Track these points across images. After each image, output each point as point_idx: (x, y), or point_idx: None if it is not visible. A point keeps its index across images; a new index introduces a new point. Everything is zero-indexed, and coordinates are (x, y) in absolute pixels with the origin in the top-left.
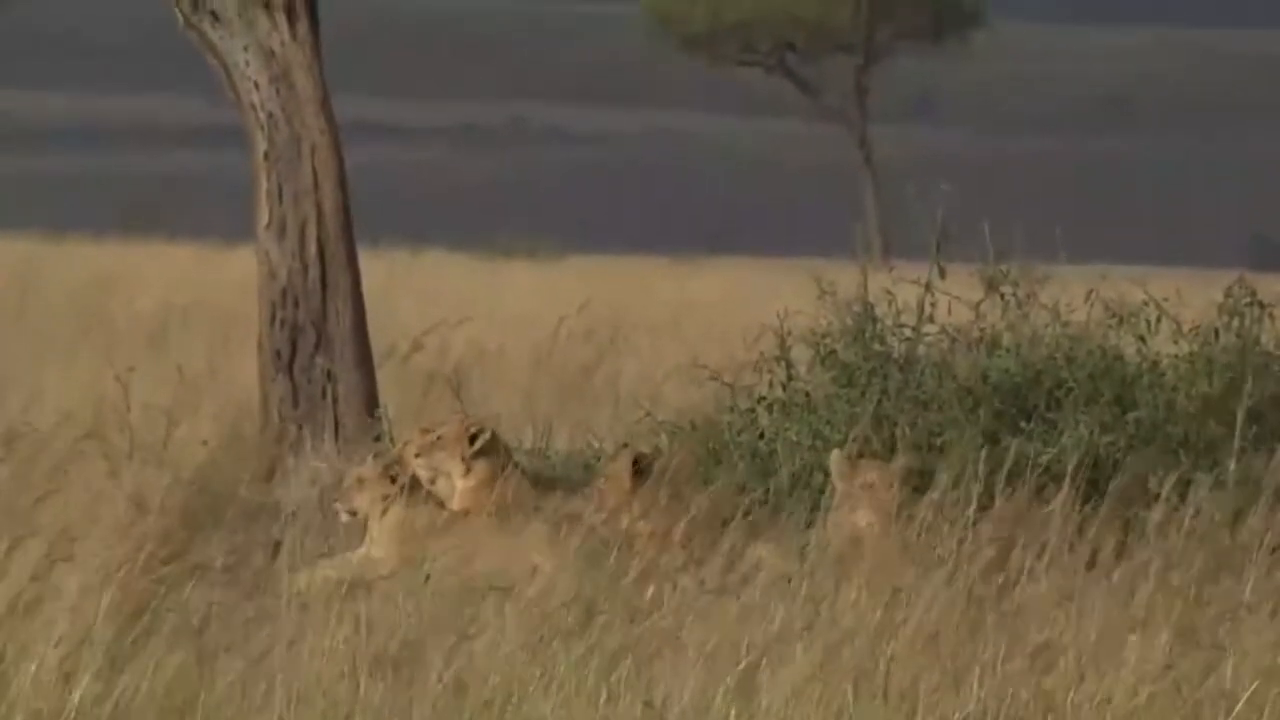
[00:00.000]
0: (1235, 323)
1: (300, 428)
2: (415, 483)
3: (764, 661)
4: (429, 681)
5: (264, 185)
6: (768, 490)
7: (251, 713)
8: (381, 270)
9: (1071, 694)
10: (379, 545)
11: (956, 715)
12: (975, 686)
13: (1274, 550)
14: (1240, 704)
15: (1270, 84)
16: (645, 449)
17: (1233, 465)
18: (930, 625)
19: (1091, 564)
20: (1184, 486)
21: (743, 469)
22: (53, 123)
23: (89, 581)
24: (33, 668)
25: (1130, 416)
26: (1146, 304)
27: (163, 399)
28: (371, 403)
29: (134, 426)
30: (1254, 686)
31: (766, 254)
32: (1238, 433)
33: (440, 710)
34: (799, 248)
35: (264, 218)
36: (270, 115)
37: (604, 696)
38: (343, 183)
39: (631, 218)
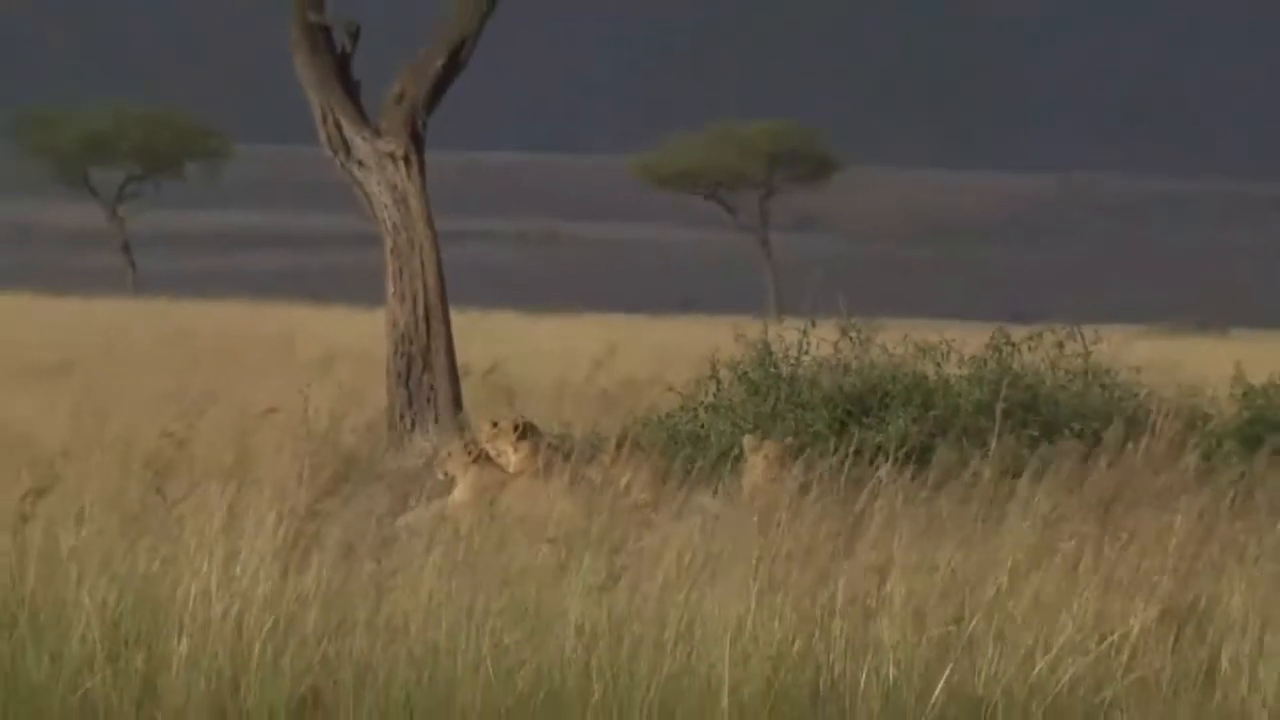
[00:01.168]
0: (996, 355)
1: (413, 421)
2: (486, 455)
3: (703, 565)
4: (491, 578)
5: (390, 269)
6: (705, 459)
7: (382, 603)
8: (463, 322)
9: (890, 586)
10: (462, 494)
11: (822, 599)
12: (834, 582)
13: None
14: (999, 590)
15: (1031, 211)
16: (628, 433)
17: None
18: (805, 544)
19: (908, 504)
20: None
21: (689, 447)
22: (254, 232)
23: (278, 514)
24: (238, 569)
25: (931, 414)
26: (941, 343)
27: (327, 404)
28: (458, 405)
29: (310, 420)
30: (1003, 582)
31: (707, 313)
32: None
33: (497, 595)
34: (726, 309)
35: (391, 289)
36: (394, 225)
37: (599, 587)
38: (439, 267)
39: (624, 289)
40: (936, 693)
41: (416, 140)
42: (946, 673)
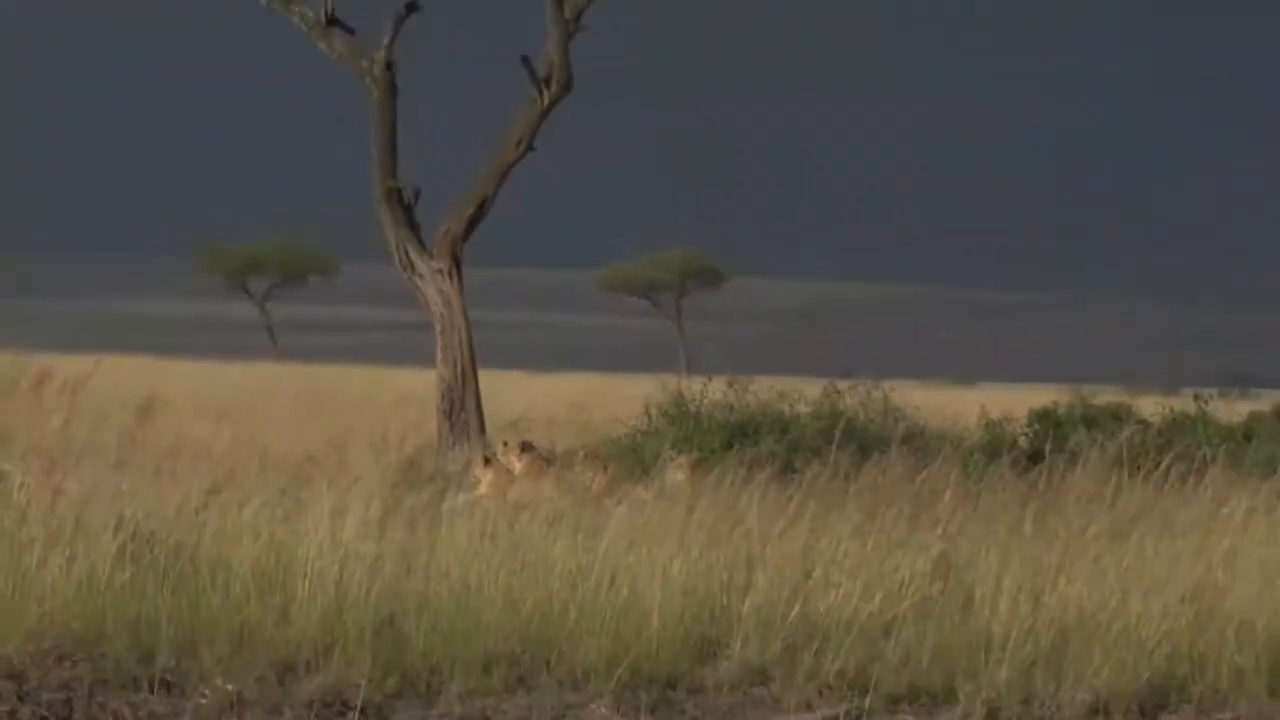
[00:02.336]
0: (829, 399)
1: (453, 441)
2: (500, 463)
3: (640, 533)
4: (503, 541)
5: (439, 344)
6: (641, 467)
7: (434, 557)
8: (486, 377)
9: (766, 549)
10: (484, 488)
11: (720, 556)
12: (730, 543)
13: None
14: (826, 559)
15: (852, 305)
16: (592, 449)
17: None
18: (708, 520)
19: (777, 495)
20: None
21: (631, 457)
22: (352, 319)
23: (370, 496)
24: (342, 536)
25: (786, 437)
26: (793, 391)
27: (399, 431)
28: (483, 431)
29: (389, 440)
30: (840, 546)
31: (646, 372)
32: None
33: (508, 552)
34: (654, 370)
35: (440, 356)
36: (442, 315)
37: (572, 547)
38: (471, 343)
39: (590, 357)
40: (792, 617)
41: (457, 261)
42: (799, 605)
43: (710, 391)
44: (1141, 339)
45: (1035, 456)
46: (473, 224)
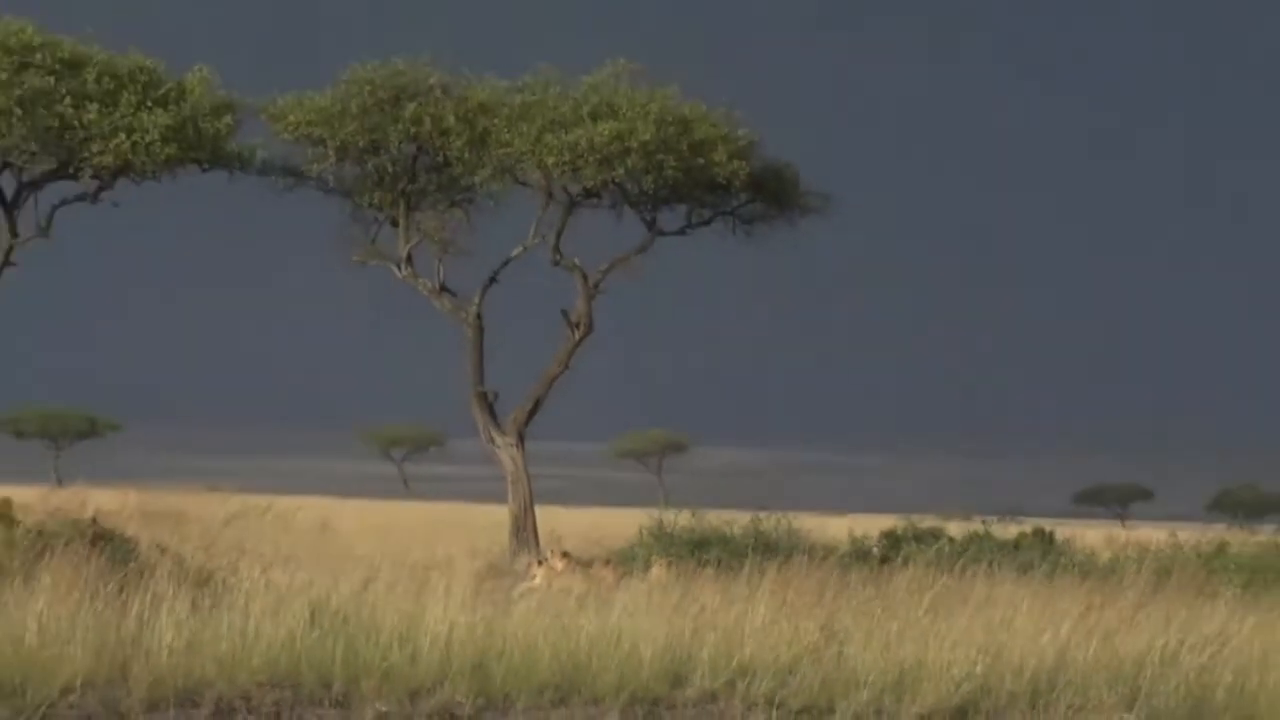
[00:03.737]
0: (755, 523)
1: (517, 550)
2: (548, 564)
3: (635, 608)
4: (549, 613)
5: (510, 490)
6: (636, 566)
7: (505, 623)
8: (540, 511)
9: (715, 617)
10: (538, 581)
11: (683, 622)
12: (692, 614)
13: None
14: (753, 623)
15: (769, 467)
16: (607, 557)
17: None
18: (678, 600)
19: (722, 584)
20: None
21: (630, 561)
22: (455, 475)
23: (466, 585)
24: (450, 608)
25: (727, 547)
26: (730, 520)
27: (484, 544)
28: (538, 545)
29: (477, 550)
30: (760, 615)
31: (638, 507)
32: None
33: (553, 621)
34: (645, 505)
35: (510, 497)
36: (511, 471)
37: (594, 617)
38: (530, 490)
39: (604, 498)
40: (733, 661)
41: (521, 438)
42: (737, 653)
43: (679, 519)
44: (948, 483)
45: (884, 560)
46: (531, 414)
